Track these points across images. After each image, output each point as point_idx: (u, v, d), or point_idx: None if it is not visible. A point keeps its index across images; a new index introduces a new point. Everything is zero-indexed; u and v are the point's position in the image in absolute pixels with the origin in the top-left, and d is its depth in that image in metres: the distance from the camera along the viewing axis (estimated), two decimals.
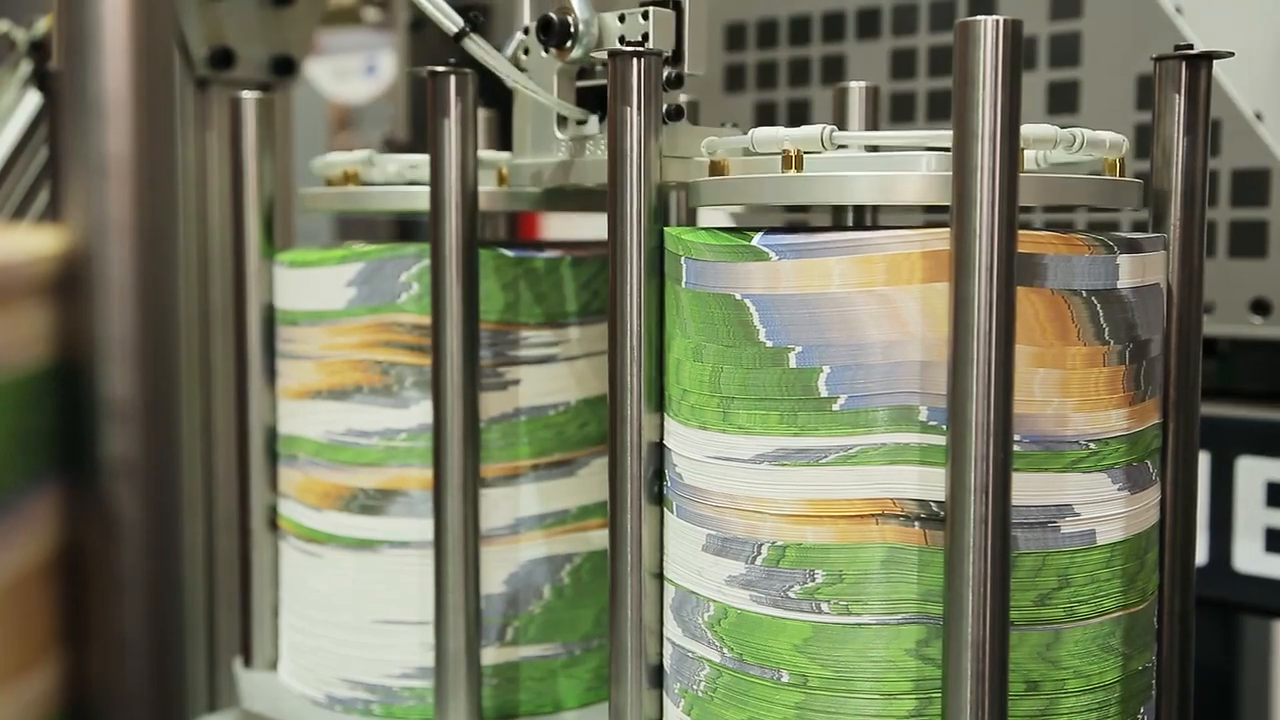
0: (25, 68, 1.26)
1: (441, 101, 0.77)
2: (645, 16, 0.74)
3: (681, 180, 0.74)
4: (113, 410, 0.30)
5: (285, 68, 1.18)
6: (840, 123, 0.85)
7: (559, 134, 0.80)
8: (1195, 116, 0.67)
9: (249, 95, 0.88)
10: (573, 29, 0.76)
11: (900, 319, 0.60)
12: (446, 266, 0.77)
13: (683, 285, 0.67)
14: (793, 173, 0.64)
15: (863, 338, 0.60)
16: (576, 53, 0.76)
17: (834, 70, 1.14)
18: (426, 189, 0.78)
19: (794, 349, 0.62)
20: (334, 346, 0.84)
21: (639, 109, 0.67)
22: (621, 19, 0.75)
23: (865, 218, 0.86)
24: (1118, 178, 0.66)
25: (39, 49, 1.25)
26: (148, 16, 0.29)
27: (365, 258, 0.83)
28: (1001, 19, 0.55)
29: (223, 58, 1.13)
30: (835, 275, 0.61)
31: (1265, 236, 0.94)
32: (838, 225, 0.85)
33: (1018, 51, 0.55)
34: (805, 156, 0.64)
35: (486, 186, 0.83)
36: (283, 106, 1.19)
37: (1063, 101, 1.02)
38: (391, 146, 1.71)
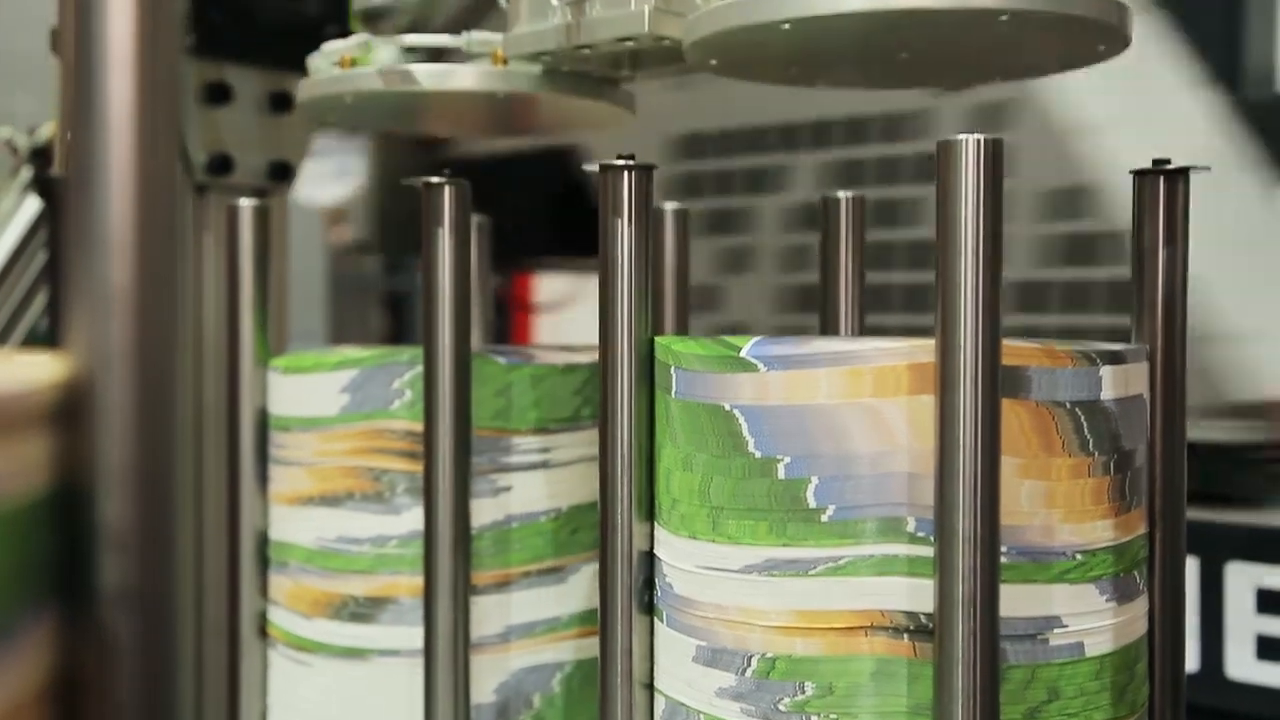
0: (26, 173, 1.28)
1: (435, 211, 0.78)
2: None
3: (676, 39, 0.73)
4: (111, 538, 0.31)
5: (282, 173, 1.20)
6: (834, 238, 0.86)
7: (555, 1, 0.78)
8: (1174, 229, 0.68)
9: (246, 204, 0.90)
10: None
11: (887, 430, 0.61)
12: (439, 374, 0.78)
13: (672, 395, 0.67)
14: None
15: (851, 449, 0.61)
16: None
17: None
18: (425, 66, 0.78)
19: (783, 459, 0.62)
20: (326, 453, 0.84)
21: (630, 221, 0.68)
22: None
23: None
24: None
25: (40, 155, 1.27)
26: (153, 151, 0.30)
27: (359, 364, 0.83)
28: (982, 138, 0.56)
29: (221, 164, 1.15)
30: (823, 387, 0.61)
31: None
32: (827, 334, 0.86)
33: (998, 169, 0.57)
34: None
35: (482, 66, 0.82)
36: (279, 210, 1.21)
37: None
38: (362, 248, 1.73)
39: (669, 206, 0.88)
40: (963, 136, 0.56)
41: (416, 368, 0.82)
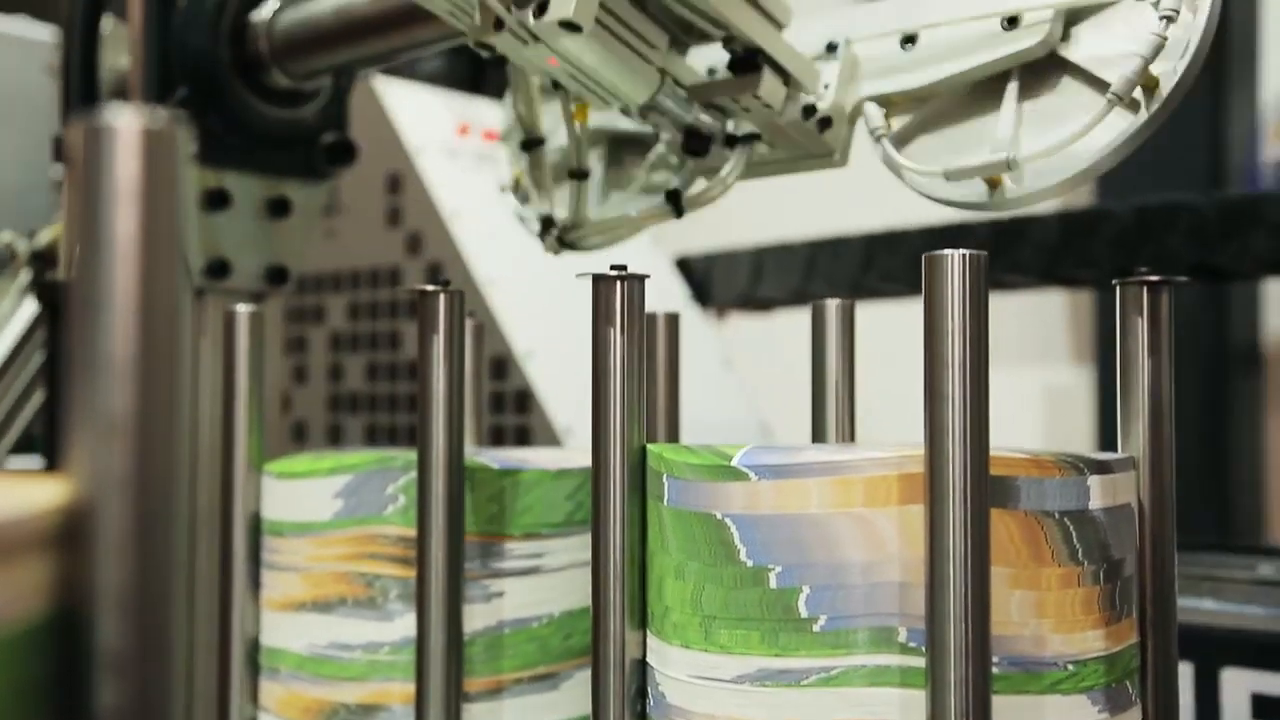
0: (25, 276, 1.29)
1: (430, 318, 0.79)
2: None
3: None
4: (109, 663, 0.31)
5: (278, 277, 1.21)
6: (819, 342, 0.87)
7: None
8: (1158, 338, 0.69)
9: (243, 309, 0.91)
10: None
11: (879, 540, 0.61)
12: (433, 479, 0.79)
13: (665, 503, 0.68)
14: None
15: (842, 558, 0.61)
16: None
17: None
18: None
19: (774, 569, 0.63)
20: (319, 558, 0.84)
21: (622, 330, 0.69)
22: None
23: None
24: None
25: (40, 259, 1.28)
26: (159, 281, 0.31)
27: (353, 469, 0.84)
28: (966, 253, 0.57)
29: (218, 268, 1.16)
30: (814, 496, 0.62)
31: None
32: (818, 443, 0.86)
33: (982, 283, 0.58)
34: None
35: None
36: (274, 314, 1.22)
37: None
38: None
39: (661, 312, 0.89)
40: (948, 252, 0.57)
41: (410, 473, 0.82)
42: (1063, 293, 2.49)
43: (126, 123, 0.32)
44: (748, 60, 0.82)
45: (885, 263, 1.66)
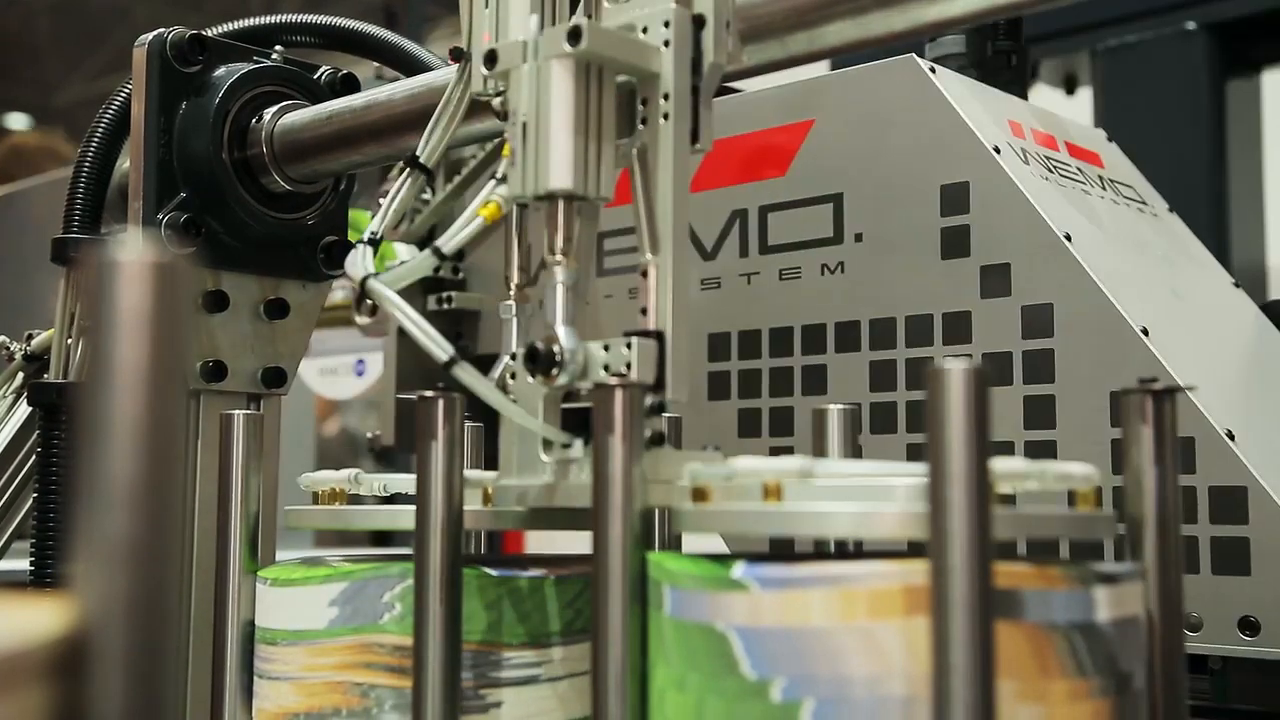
0: (19, 379, 1.29)
1: (429, 425, 0.78)
2: (628, 346, 0.77)
3: (664, 504, 0.75)
4: None
5: (275, 379, 1.21)
6: (819, 447, 0.87)
7: (544, 456, 0.81)
8: (1163, 447, 0.69)
9: (239, 414, 0.90)
10: (558, 358, 0.78)
11: (882, 653, 0.60)
12: (430, 587, 0.78)
13: (665, 613, 0.67)
14: (773, 505, 0.65)
15: (846, 672, 0.60)
16: (562, 379, 0.78)
17: (816, 379, 1.17)
18: (411, 509, 0.79)
19: (777, 682, 0.62)
20: (313, 668, 0.83)
21: (622, 438, 0.69)
22: (606, 348, 0.78)
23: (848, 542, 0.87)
24: (1090, 511, 0.67)
25: (33, 361, 1.28)
26: (160, 415, 0.31)
27: (348, 577, 0.83)
28: (969, 367, 0.57)
29: (215, 371, 1.16)
30: (816, 608, 0.61)
31: (1247, 554, 0.95)
32: (820, 554, 0.85)
33: (985, 397, 0.57)
34: (785, 486, 0.66)
35: (471, 506, 0.84)
36: (271, 416, 1.22)
37: (1038, 418, 1.05)
38: (375, 452, 1.74)
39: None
40: (951, 365, 0.57)
41: (407, 581, 0.81)
42: None
43: (134, 256, 0.32)
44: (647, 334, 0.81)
45: None
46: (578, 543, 0.79)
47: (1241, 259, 2.15)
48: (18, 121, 7.71)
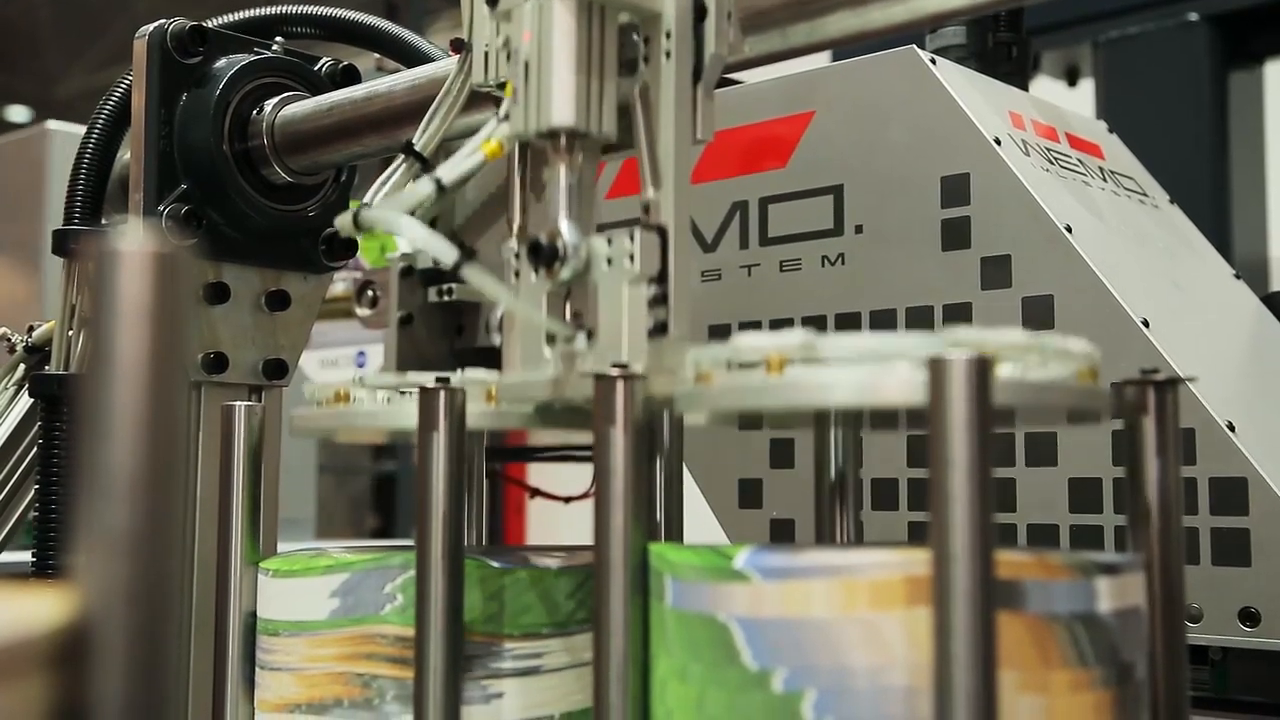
0: (20, 371, 1.29)
1: (429, 417, 0.78)
2: (631, 238, 0.77)
3: (667, 393, 0.74)
4: None
5: (276, 371, 1.20)
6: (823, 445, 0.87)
7: (547, 352, 0.81)
8: (1165, 438, 0.69)
9: (240, 406, 0.90)
10: (561, 252, 0.78)
11: (884, 644, 0.60)
12: (431, 578, 0.78)
13: (666, 604, 0.67)
14: (775, 377, 0.64)
15: (847, 662, 0.60)
16: (565, 274, 0.78)
17: None
18: (412, 408, 0.79)
19: (779, 672, 0.62)
20: (314, 658, 0.83)
21: (623, 429, 0.69)
22: (609, 241, 0.78)
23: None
24: (1091, 384, 0.66)
25: (34, 353, 1.28)
26: (161, 405, 0.31)
27: (350, 568, 0.83)
28: (972, 357, 0.57)
29: (216, 363, 1.16)
30: (818, 599, 0.61)
31: (1248, 545, 0.95)
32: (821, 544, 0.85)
33: (987, 386, 0.57)
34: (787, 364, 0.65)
35: (476, 405, 0.84)
36: (273, 407, 1.22)
37: None
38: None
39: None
40: (953, 356, 0.57)
41: (408, 572, 0.81)
42: None
43: (135, 244, 0.32)
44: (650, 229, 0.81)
45: None
46: (580, 534, 0.79)
47: (1243, 250, 2.15)
48: (19, 114, 7.70)
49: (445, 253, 0.78)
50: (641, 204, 0.79)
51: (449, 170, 0.82)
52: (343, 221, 0.84)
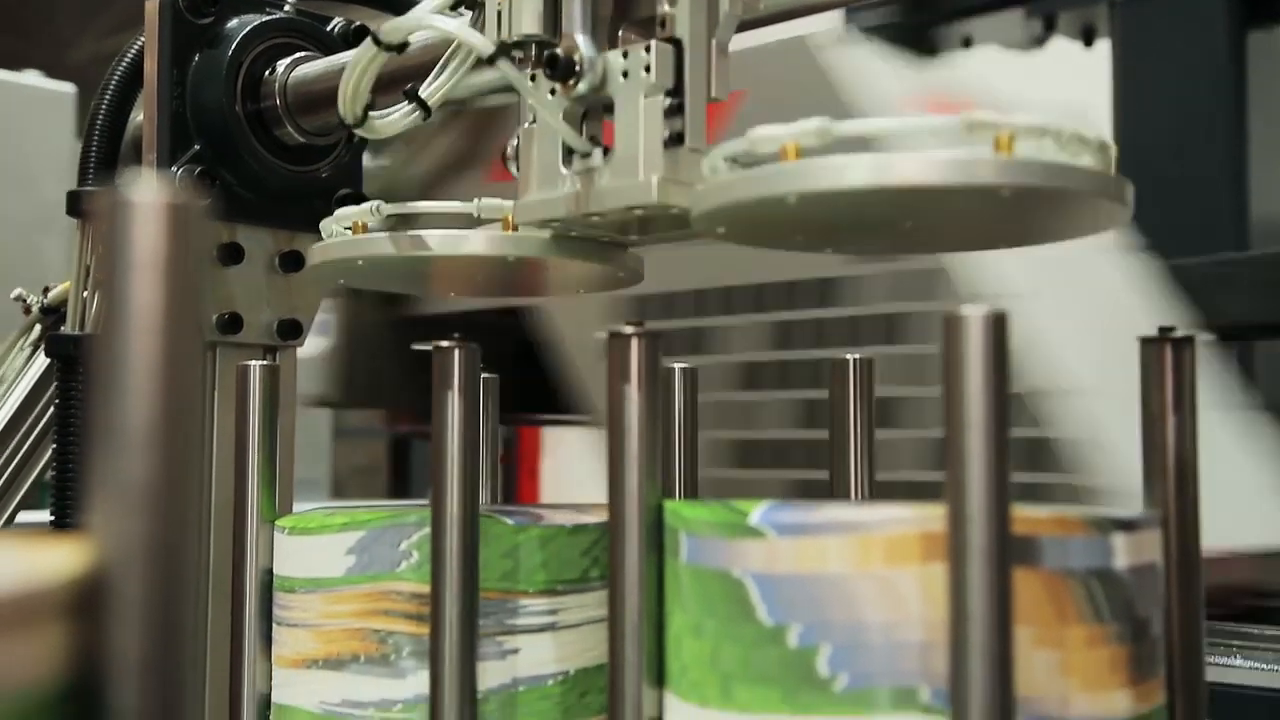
0: (36, 331, 1.29)
1: (445, 374, 0.79)
2: (647, 50, 0.77)
3: (684, 204, 0.75)
4: None
5: (291, 331, 1.21)
6: (840, 396, 0.87)
7: (564, 169, 0.81)
8: (1182, 394, 0.69)
9: (255, 364, 0.90)
10: (577, 65, 0.78)
11: (899, 600, 0.60)
12: (447, 535, 0.78)
13: (681, 560, 0.67)
14: (791, 163, 0.64)
15: (863, 618, 0.61)
16: (581, 88, 0.78)
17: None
18: (437, 232, 0.79)
19: (794, 627, 0.62)
20: (331, 615, 0.83)
21: (639, 387, 0.69)
22: (625, 55, 0.78)
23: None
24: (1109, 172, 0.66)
25: (50, 314, 1.28)
26: (177, 355, 0.31)
27: (365, 525, 0.83)
28: (989, 311, 0.57)
29: (231, 323, 1.16)
30: (833, 555, 0.61)
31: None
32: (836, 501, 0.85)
33: (1004, 339, 0.57)
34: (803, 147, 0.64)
35: (493, 231, 0.84)
36: (288, 366, 1.22)
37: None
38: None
39: (677, 366, 0.89)
40: (969, 309, 0.57)
41: (424, 529, 0.81)
42: None
43: (147, 195, 0.32)
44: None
45: None
46: (593, 493, 0.79)
47: (1260, 211, 2.13)
48: (32, 79, 7.70)
49: (482, 43, 0.78)
50: (658, 19, 0.79)
51: (430, 90, 0.83)
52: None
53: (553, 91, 0.79)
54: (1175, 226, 1.82)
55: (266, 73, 1.19)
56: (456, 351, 0.79)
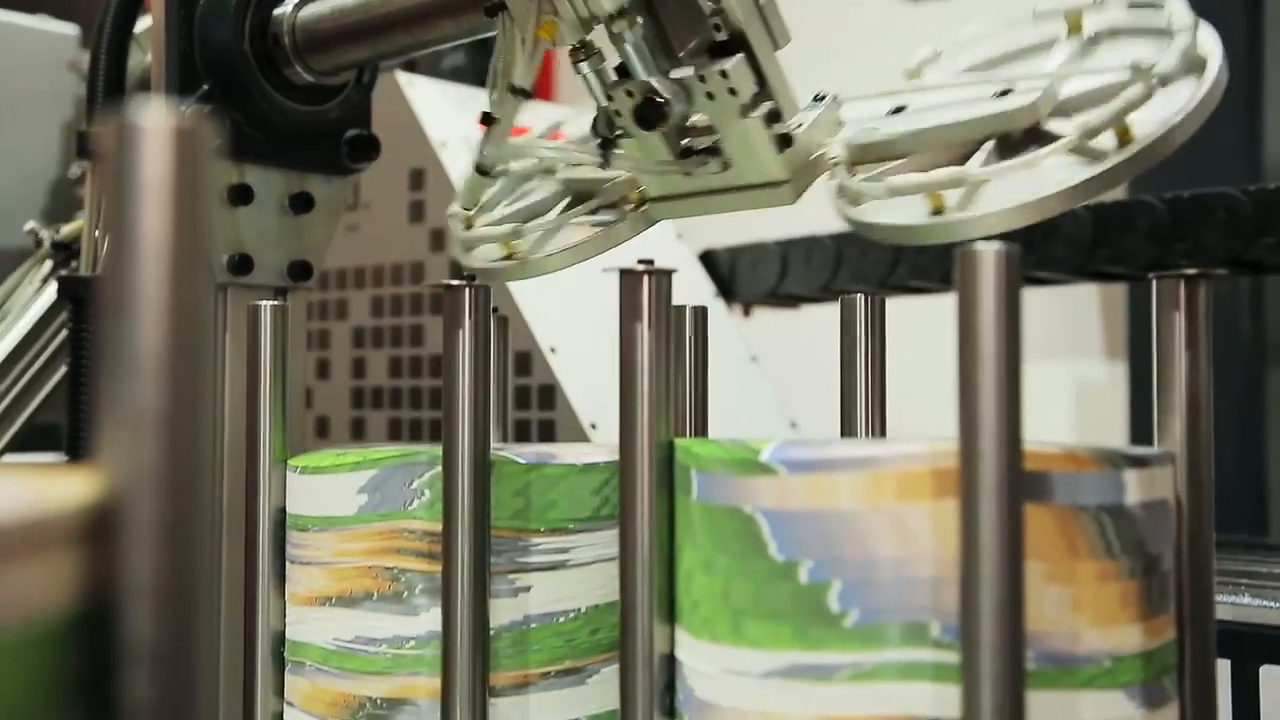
0: (47, 265, 1.29)
1: (455, 314, 0.78)
2: (723, 74, 0.79)
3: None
4: (138, 657, 0.31)
5: (302, 272, 1.20)
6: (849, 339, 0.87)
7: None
8: (1195, 333, 0.68)
9: (266, 304, 0.90)
10: (665, 108, 0.80)
11: (911, 535, 0.60)
12: (458, 474, 0.78)
13: (693, 498, 0.67)
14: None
15: (874, 554, 0.61)
16: (673, 122, 0.81)
17: None
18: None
19: (805, 564, 0.62)
20: (344, 553, 0.84)
21: (650, 325, 0.69)
22: (702, 78, 0.80)
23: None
24: None
25: (62, 249, 1.28)
26: (187, 281, 0.31)
27: (377, 464, 0.83)
28: (1002, 248, 0.56)
29: (241, 263, 1.16)
30: (845, 491, 0.61)
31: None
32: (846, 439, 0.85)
33: (1016, 278, 0.57)
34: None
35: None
36: (298, 308, 1.22)
37: None
38: None
39: (689, 306, 0.89)
40: (982, 247, 0.56)
41: (435, 468, 0.81)
42: (1095, 286, 2.46)
43: (155, 121, 0.31)
44: (729, 46, 0.81)
45: (914, 258, 1.65)
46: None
47: (1274, 154, 2.11)
48: (36, 22, 7.65)
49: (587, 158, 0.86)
50: (711, 24, 0.80)
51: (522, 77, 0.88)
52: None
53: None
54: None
55: (275, 11, 1.18)
56: (466, 291, 0.78)
